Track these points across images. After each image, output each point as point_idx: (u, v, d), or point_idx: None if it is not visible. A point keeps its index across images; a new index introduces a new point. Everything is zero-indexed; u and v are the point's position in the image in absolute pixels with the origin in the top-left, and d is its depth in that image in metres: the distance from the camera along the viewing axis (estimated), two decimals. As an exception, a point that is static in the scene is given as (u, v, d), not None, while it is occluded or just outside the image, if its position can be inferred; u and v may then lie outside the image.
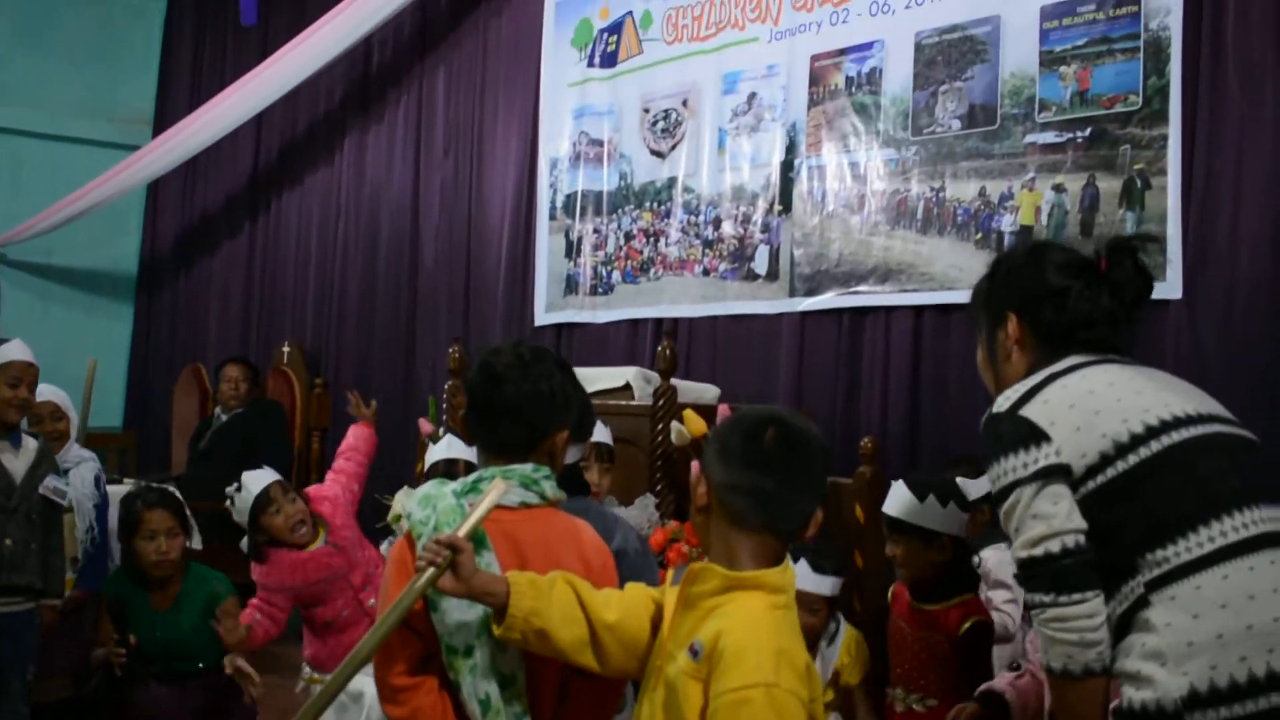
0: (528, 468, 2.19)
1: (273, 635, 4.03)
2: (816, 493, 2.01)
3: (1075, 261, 2.36)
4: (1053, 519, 2.06)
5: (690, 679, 1.84)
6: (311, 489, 4.22)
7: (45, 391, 4.50)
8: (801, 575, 3.11)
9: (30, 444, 3.97)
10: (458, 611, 2.08)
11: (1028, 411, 2.15)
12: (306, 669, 4.16)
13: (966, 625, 3.00)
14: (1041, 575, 2.05)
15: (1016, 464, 2.11)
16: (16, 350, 3.98)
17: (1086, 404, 2.14)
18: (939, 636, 3.04)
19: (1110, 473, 2.08)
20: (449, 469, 3.89)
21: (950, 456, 4.24)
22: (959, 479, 3.34)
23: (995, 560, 3.53)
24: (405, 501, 4.62)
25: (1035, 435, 2.11)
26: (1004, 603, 3.48)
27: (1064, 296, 2.30)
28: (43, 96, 8.96)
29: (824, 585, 3.30)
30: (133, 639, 3.97)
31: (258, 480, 4.05)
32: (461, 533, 2.00)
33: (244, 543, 4.10)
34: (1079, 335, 2.29)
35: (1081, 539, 2.05)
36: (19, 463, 3.90)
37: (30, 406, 4.09)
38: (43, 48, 8.98)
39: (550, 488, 2.21)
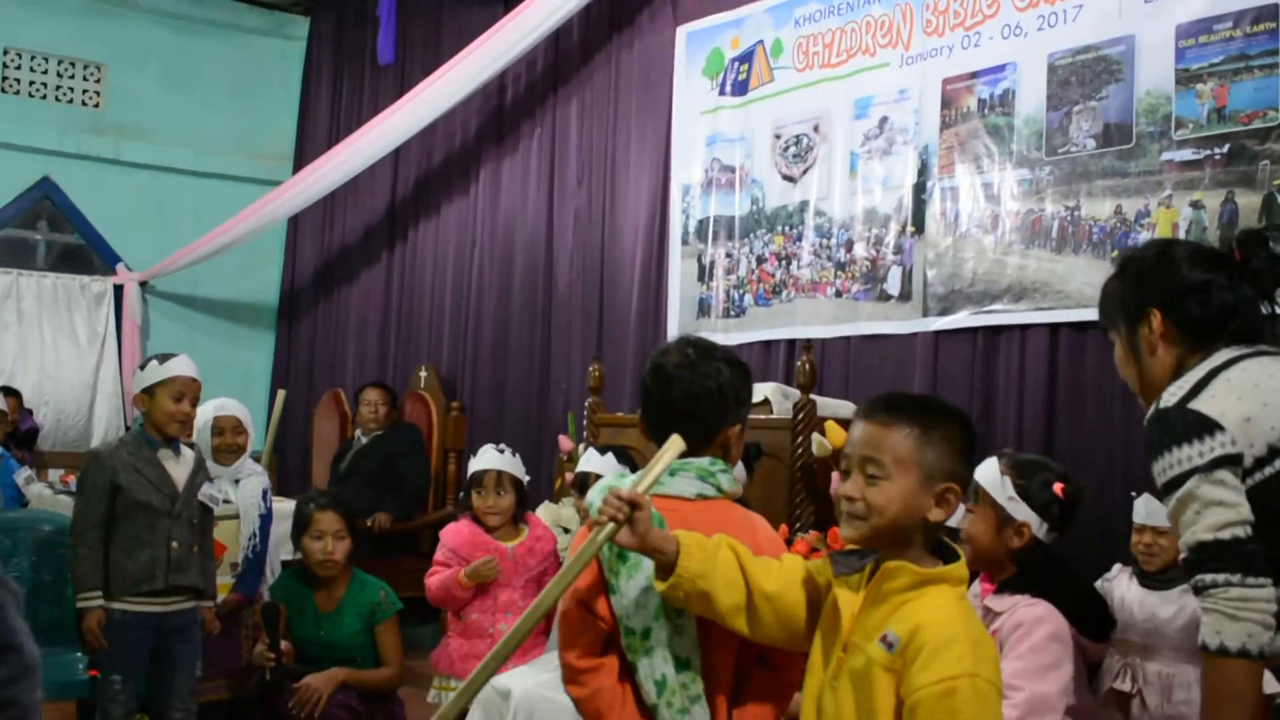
0: (704, 461, 2.28)
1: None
2: None
3: (1209, 255, 2.46)
4: (1240, 507, 2.16)
5: (884, 670, 1.89)
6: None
7: (230, 406, 4.74)
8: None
9: (188, 453, 4.17)
10: (636, 595, 2.19)
11: (1197, 405, 2.23)
12: (437, 679, 4.33)
13: None
14: (1228, 557, 2.14)
15: (1191, 453, 2.19)
16: (183, 366, 4.13)
17: (1253, 397, 2.22)
18: None
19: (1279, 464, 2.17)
20: (584, 481, 4.07)
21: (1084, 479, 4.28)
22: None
23: None
24: (545, 515, 4.81)
25: (1208, 426, 2.19)
26: None
27: (1207, 290, 2.38)
28: (188, 135, 9.38)
29: None
30: (285, 645, 4.16)
31: (486, 460, 4.29)
32: (640, 489, 2.07)
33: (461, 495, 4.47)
34: (1228, 326, 2.37)
35: (1253, 530, 2.14)
36: (180, 470, 4.10)
37: (192, 420, 4.29)
38: (188, 89, 9.41)
39: (726, 481, 2.29)
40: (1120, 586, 3.48)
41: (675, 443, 2.17)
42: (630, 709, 2.22)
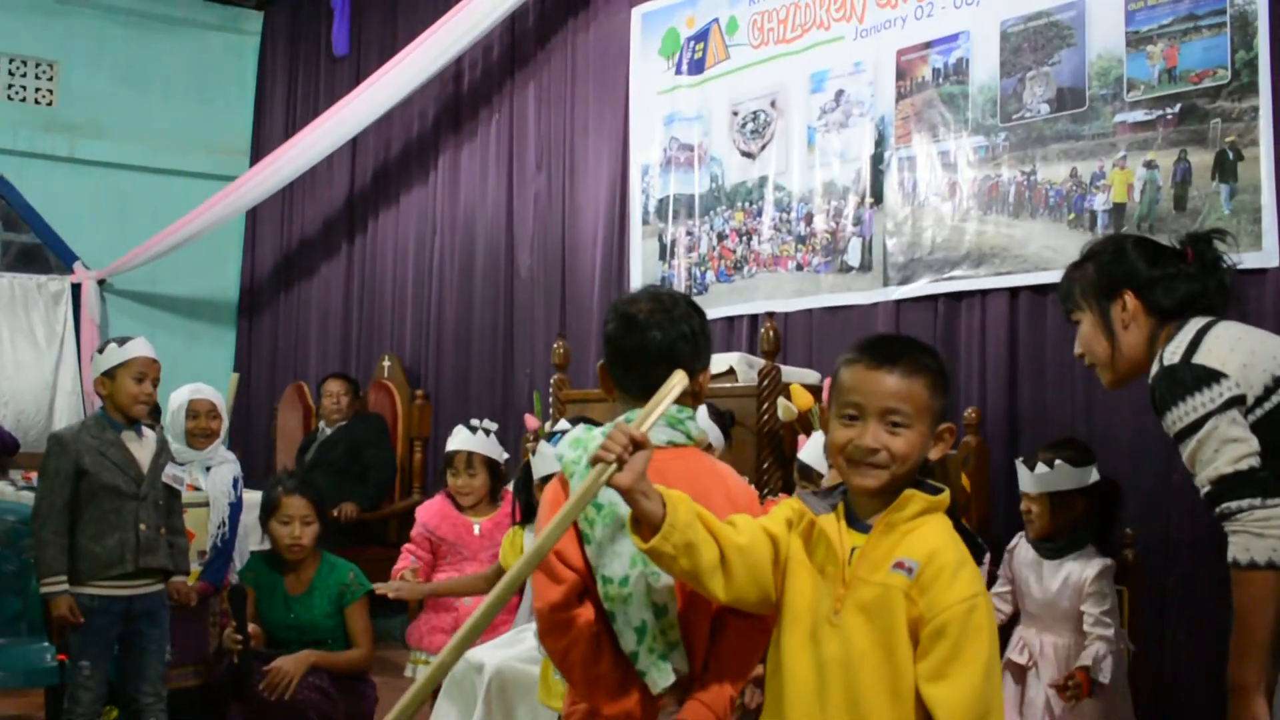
0: (673, 409, 2.25)
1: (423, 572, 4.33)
2: None
3: (1162, 249, 2.82)
4: (1250, 441, 2.51)
5: (903, 595, 1.94)
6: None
7: (205, 391, 4.76)
8: None
9: (150, 435, 4.14)
10: (612, 544, 2.17)
11: (1199, 359, 2.58)
12: (412, 653, 4.36)
13: None
14: (1248, 485, 2.48)
15: (1204, 400, 2.53)
16: (141, 347, 4.11)
17: (1241, 348, 2.59)
18: None
19: (1276, 399, 2.55)
20: None
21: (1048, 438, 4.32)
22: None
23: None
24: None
25: (1213, 375, 2.55)
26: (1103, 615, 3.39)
27: (1172, 280, 2.76)
28: (144, 131, 9.30)
29: None
30: (253, 628, 4.15)
31: (457, 441, 4.40)
32: (645, 428, 2.03)
33: None
34: (1194, 305, 2.75)
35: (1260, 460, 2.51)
36: (144, 452, 4.08)
37: (154, 401, 4.27)
38: (143, 85, 9.34)
39: (695, 428, 2.29)
40: (1019, 556, 3.63)
41: (679, 378, 2.13)
42: (607, 660, 2.19)
